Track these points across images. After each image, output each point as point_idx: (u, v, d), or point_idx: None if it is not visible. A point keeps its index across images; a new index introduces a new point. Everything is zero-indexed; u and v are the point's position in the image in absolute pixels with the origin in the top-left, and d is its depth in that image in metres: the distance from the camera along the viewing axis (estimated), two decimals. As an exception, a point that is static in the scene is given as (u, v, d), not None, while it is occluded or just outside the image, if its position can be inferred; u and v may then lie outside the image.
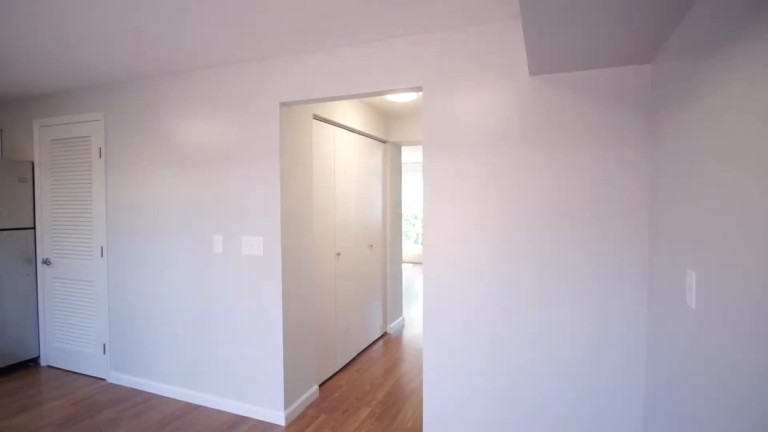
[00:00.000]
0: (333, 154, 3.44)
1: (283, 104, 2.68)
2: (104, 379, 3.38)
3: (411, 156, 8.67)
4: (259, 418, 2.75)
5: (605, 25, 1.49)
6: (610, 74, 1.96)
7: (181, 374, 3.04)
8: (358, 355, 3.88)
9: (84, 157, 3.40)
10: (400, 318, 4.78)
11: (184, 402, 3.00)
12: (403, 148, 7.23)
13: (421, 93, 2.57)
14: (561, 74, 2.05)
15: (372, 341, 4.16)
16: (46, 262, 3.58)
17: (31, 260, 3.61)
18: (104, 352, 3.36)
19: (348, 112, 3.60)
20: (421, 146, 7.11)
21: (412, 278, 7.88)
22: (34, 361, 3.71)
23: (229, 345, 2.85)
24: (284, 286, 2.69)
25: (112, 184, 3.28)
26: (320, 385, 3.23)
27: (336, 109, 3.40)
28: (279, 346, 2.69)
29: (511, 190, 2.14)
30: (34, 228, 3.64)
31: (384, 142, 4.45)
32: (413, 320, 5.05)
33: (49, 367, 3.64)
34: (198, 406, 2.93)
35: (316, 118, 3.16)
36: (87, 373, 3.47)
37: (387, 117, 4.42)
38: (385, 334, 4.48)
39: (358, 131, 3.83)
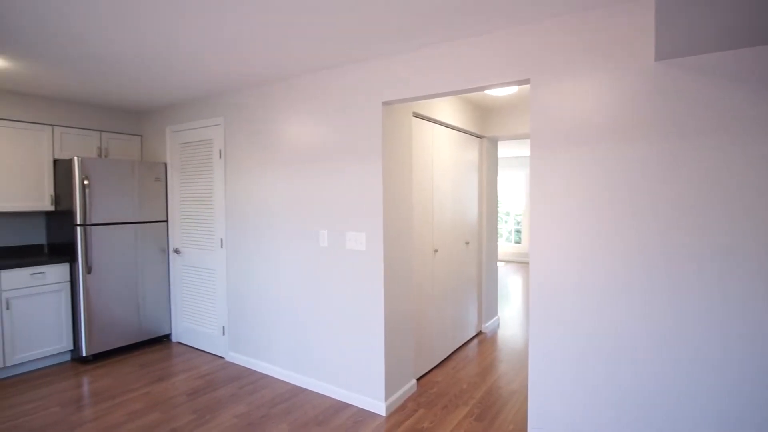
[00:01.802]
0: (431, 151, 3.44)
1: (385, 103, 2.74)
2: (223, 358, 3.76)
3: (505, 151, 8.39)
4: (360, 406, 2.87)
5: (763, -3, 1.30)
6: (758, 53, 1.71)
7: (289, 358, 3.27)
8: (454, 352, 3.86)
9: (207, 158, 3.80)
10: (495, 317, 4.66)
11: (292, 384, 3.22)
12: (498, 143, 7.03)
13: (521, 86, 2.47)
14: (694, 57, 1.83)
15: (467, 340, 4.11)
16: (176, 251, 4.07)
17: (164, 249, 4.13)
18: (223, 334, 3.73)
19: (446, 109, 3.57)
20: (517, 141, 6.83)
21: (506, 277, 7.64)
22: (167, 338, 4.24)
23: (333, 334, 3.00)
24: (385, 281, 2.77)
25: (230, 182, 3.61)
26: (417, 380, 3.27)
27: (434, 106, 3.40)
28: (380, 337, 2.77)
29: (631, 187, 1.97)
30: (166, 221, 4.15)
31: (480, 137, 4.36)
32: (508, 320, 4.89)
33: (179, 343, 4.14)
34: (304, 389, 3.14)
35: (416, 115, 3.19)
36: (209, 351, 3.89)
37: (484, 111, 4.32)
38: (479, 333, 4.40)
39: (455, 127, 3.79)
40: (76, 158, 3.52)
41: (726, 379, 1.82)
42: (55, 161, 3.79)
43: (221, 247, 3.69)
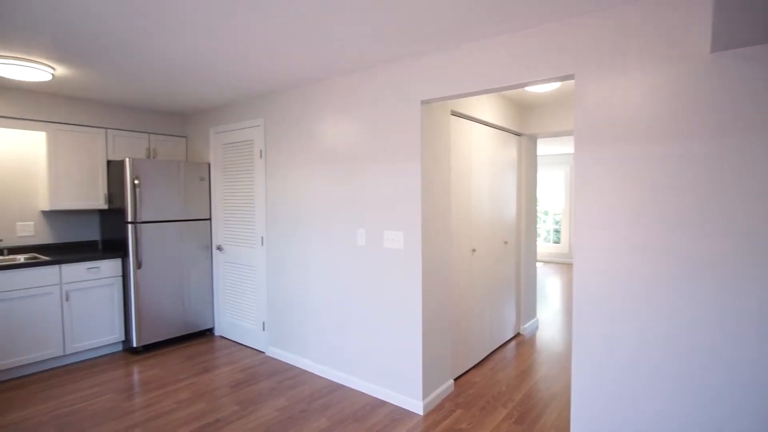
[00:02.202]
0: (469, 150, 3.40)
1: (423, 102, 2.74)
2: (263, 352, 3.86)
3: (543, 149, 8.18)
4: (397, 404, 2.88)
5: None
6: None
7: (327, 355, 3.32)
8: (491, 353, 3.81)
9: (248, 158, 3.91)
10: (534, 319, 4.56)
11: (329, 380, 3.27)
12: (539, 140, 6.87)
13: (563, 82, 2.39)
14: (756, 47, 1.73)
15: (505, 341, 4.05)
16: (219, 248, 4.22)
17: (207, 246, 4.29)
18: (263, 329, 3.84)
19: (484, 106, 3.52)
20: (557, 138, 6.65)
21: (544, 278, 7.45)
22: (210, 331, 4.41)
23: (370, 332, 3.03)
24: (423, 280, 2.76)
25: (270, 181, 3.71)
26: (454, 380, 3.25)
27: (473, 104, 3.36)
28: (418, 337, 2.77)
29: (684, 185, 1.88)
30: (210, 219, 4.30)
31: (519, 135, 4.27)
32: (547, 322, 4.77)
33: (221, 337, 4.29)
34: (342, 386, 3.18)
35: (454, 113, 3.16)
36: (249, 345, 4.01)
37: (523, 109, 4.23)
38: (518, 334, 4.32)
39: (494, 125, 3.73)
40: (127, 159, 3.71)
41: (790, 390, 1.71)
42: (109, 162, 4.01)
43: (261, 244, 3.80)
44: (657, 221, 1.95)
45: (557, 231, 9.37)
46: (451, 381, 3.10)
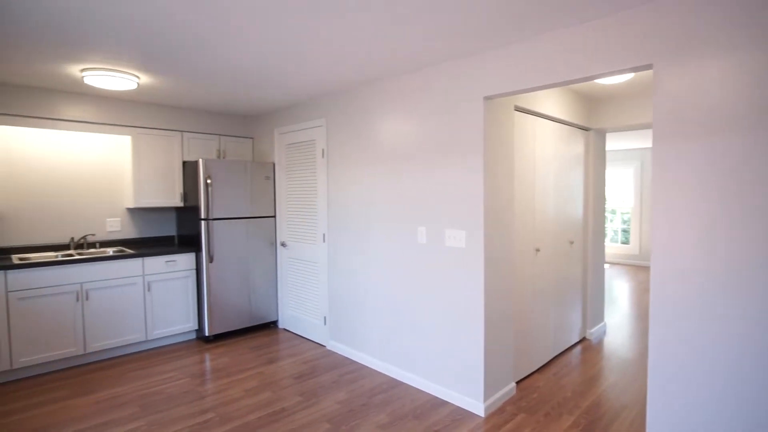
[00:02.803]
0: (533, 146, 3.29)
1: (486, 98, 2.68)
2: (324, 346, 3.97)
3: (610, 144, 7.73)
4: (457, 404, 2.85)
5: None
6: None
7: (387, 351, 3.36)
8: (555, 357, 3.67)
9: (310, 157, 4.03)
10: (602, 324, 4.33)
11: (389, 376, 3.31)
12: (608, 135, 6.52)
13: (637, 72, 2.24)
14: None
15: (569, 345, 3.88)
16: (283, 244, 4.39)
17: (272, 243, 4.48)
18: (324, 323, 3.95)
19: (549, 100, 3.39)
20: (625, 133, 6.26)
21: (612, 280, 7.05)
22: (274, 324, 4.60)
23: (431, 330, 3.02)
24: (486, 279, 2.71)
25: (332, 179, 3.80)
26: (516, 383, 3.16)
27: (537, 99, 3.24)
28: (480, 337, 2.73)
29: (786, 182, 1.70)
30: (274, 216, 4.49)
31: (586, 129, 4.06)
32: (615, 327, 4.51)
33: (284, 329, 4.46)
34: (401, 383, 3.20)
35: (518, 109, 3.07)
36: (311, 339, 4.14)
37: (591, 102, 4.02)
38: (583, 339, 4.12)
39: (560, 120, 3.58)
40: (201, 160, 3.96)
41: None
42: (184, 163, 4.30)
43: (323, 241, 3.90)
44: (743, 218, 1.78)
45: (626, 231, 8.82)
46: (513, 384, 3.02)
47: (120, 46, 2.55)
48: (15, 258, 3.49)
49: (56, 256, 3.65)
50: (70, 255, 3.71)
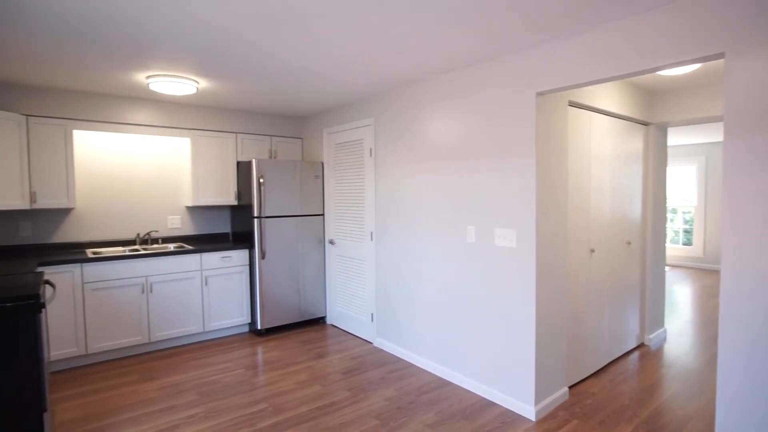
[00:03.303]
0: (588, 142, 3.16)
1: (539, 94, 2.61)
2: (371, 343, 4.02)
3: (671, 139, 7.28)
4: (507, 407, 2.80)
5: None
6: None
7: (434, 350, 3.35)
8: (610, 363, 3.51)
9: (358, 156, 4.09)
10: (661, 329, 4.10)
11: (436, 376, 3.30)
12: (669, 130, 6.16)
13: (705, 62, 2.09)
14: None
15: (626, 351, 3.70)
16: (331, 242, 4.48)
17: (321, 240, 4.58)
18: (372, 320, 4.00)
19: (605, 94, 3.25)
20: (691, 127, 5.88)
21: (672, 284, 6.65)
22: (322, 320, 4.71)
23: (480, 330, 2.98)
24: (537, 280, 2.64)
25: (379, 178, 3.83)
26: (569, 388, 3.06)
27: (592, 93, 3.11)
28: (531, 339, 2.66)
29: None
30: (323, 215, 4.59)
31: (646, 124, 3.85)
32: (676, 334, 4.25)
33: (332, 325, 4.56)
34: (448, 382, 3.18)
35: (572, 104, 2.96)
36: (358, 335, 4.20)
37: (651, 95, 3.81)
38: (641, 345, 3.92)
39: (617, 114, 3.41)
40: (254, 160, 4.11)
41: None
42: (238, 163, 4.48)
43: (371, 239, 3.95)
44: (840, 222, 1.62)
45: (688, 231, 8.28)
46: (566, 389, 2.92)
47: (181, 52, 2.70)
48: (89, 252, 3.79)
49: (124, 251, 3.92)
50: (136, 250, 3.98)
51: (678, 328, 4.42)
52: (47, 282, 2.76)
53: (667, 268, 8.04)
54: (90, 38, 2.45)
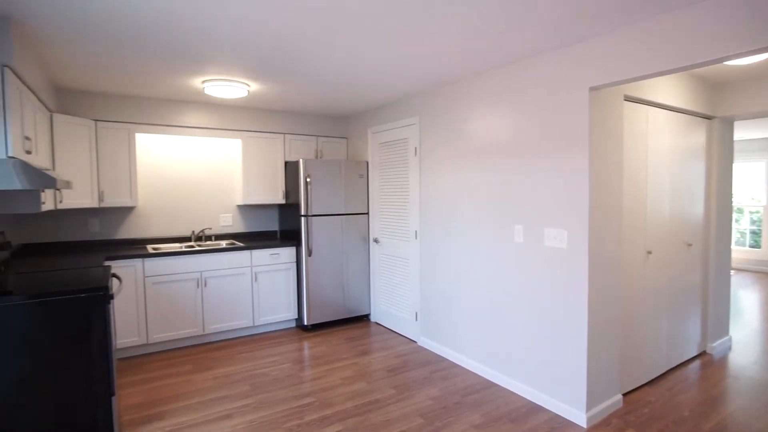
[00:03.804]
0: (645, 138, 3.01)
1: (592, 89, 2.51)
2: (415, 342, 4.02)
3: (736, 134, 6.77)
4: (556, 412, 2.72)
5: None
6: None
7: (480, 351, 3.31)
8: (668, 371, 3.33)
9: (403, 155, 4.10)
10: (726, 338, 3.83)
11: (482, 377, 3.25)
12: (735, 124, 5.75)
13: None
14: None
15: (686, 359, 3.49)
16: (376, 240, 4.52)
17: (365, 239, 4.63)
18: (416, 319, 4.00)
19: (664, 88, 3.07)
20: (759, 120, 5.45)
21: (737, 288, 6.20)
22: (366, 317, 4.76)
23: (527, 332, 2.91)
24: (590, 282, 2.55)
25: (424, 177, 3.82)
26: (623, 395, 2.93)
27: (650, 86, 2.96)
28: (582, 343, 2.57)
29: None
30: (367, 213, 4.64)
31: (709, 118, 3.61)
32: (743, 343, 3.96)
33: (376, 323, 4.60)
34: (494, 384, 3.13)
35: (628, 98, 2.83)
36: (402, 334, 4.22)
37: (715, 86, 3.56)
38: (703, 353, 3.68)
39: (676, 108, 3.23)
40: (301, 160, 4.22)
41: None
42: (286, 163, 4.61)
43: (415, 238, 3.95)
44: None
45: (755, 233, 7.69)
46: (620, 396, 2.80)
47: (236, 58, 2.82)
48: (149, 248, 4.03)
49: (180, 247, 4.14)
50: (192, 246, 4.19)
51: (745, 337, 4.12)
52: (114, 275, 2.96)
53: (732, 272, 7.50)
54: (153, 48, 2.61)
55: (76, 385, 2.28)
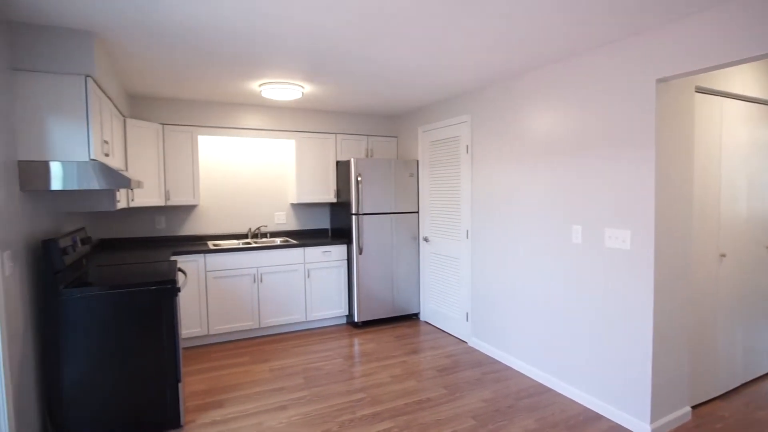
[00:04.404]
0: (719, 132, 2.80)
1: (659, 81, 2.36)
2: (465, 342, 3.98)
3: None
4: (617, 422, 2.59)
5: None
6: None
7: (534, 354, 3.21)
8: (744, 385, 3.08)
9: (454, 154, 4.05)
10: (813, 350, 3.48)
11: (536, 381, 3.16)
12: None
13: None
14: None
15: (765, 373, 3.21)
16: (425, 239, 4.51)
17: (415, 237, 4.63)
18: (466, 320, 3.95)
19: (741, 77, 2.84)
20: None
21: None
22: (416, 316, 4.76)
23: (587, 336, 2.80)
24: (656, 286, 2.40)
25: (476, 176, 3.76)
26: (692, 408, 2.74)
27: (725, 76, 2.74)
28: (647, 350, 2.43)
29: None
30: (417, 212, 4.63)
31: (795, 109, 3.29)
32: (835, 357, 3.58)
33: (425, 322, 4.59)
34: (549, 389, 3.03)
35: (699, 90, 2.64)
36: (452, 334, 4.18)
37: (803, 74, 3.24)
38: (785, 366, 3.37)
39: (756, 99, 2.97)
40: (353, 159, 4.28)
41: None
42: (337, 162, 4.70)
43: (466, 237, 3.90)
44: None
45: None
46: (688, 408, 2.62)
47: (291, 61, 2.91)
48: (210, 244, 4.25)
49: (238, 244, 4.33)
50: (248, 243, 4.37)
51: (835, 350, 3.72)
52: (180, 269, 3.15)
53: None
54: (218, 54, 2.74)
55: (147, 371, 2.45)
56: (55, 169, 2.23)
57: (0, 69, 2.02)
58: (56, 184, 2.23)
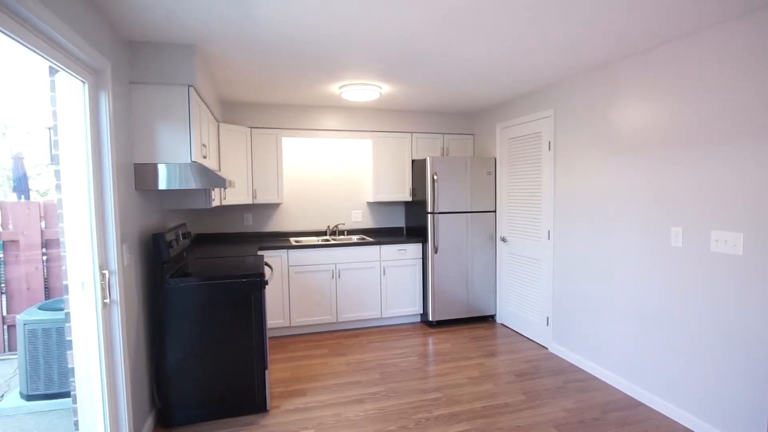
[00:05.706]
0: None
1: (784, 63, 2.07)
2: (546, 348, 3.80)
3: None
4: (724, 446, 2.33)
5: None
6: None
7: (625, 365, 2.98)
8: None
9: (534, 151, 3.88)
10: None
11: (625, 394, 2.94)
12: None
13: None
14: None
15: None
16: (503, 239, 4.37)
17: (492, 237, 4.51)
18: (547, 324, 3.77)
19: None
20: None
21: None
22: (492, 318, 4.64)
23: (690, 350, 2.54)
24: (775, 297, 2.12)
25: (559, 173, 3.57)
26: (820, 438, 2.38)
27: None
28: (764, 370, 2.15)
29: None
30: (495, 211, 4.51)
31: None
32: None
33: (502, 325, 4.46)
34: (641, 404, 2.80)
35: (835, 72, 2.27)
36: (531, 338, 4.02)
37: None
38: None
39: None
40: (428, 158, 4.27)
41: None
42: (413, 161, 4.72)
43: (548, 238, 3.72)
44: None
45: None
46: (817, 439, 2.28)
47: (370, 63, 2.97)
48: (292, 240, 4.48)
49: (318, 241, 4.51)
50: (327, 240, 4.54)
51: None
52: (267, 264, 3.36)
53: None
54: (303, 60, 2.88)
55: (238, 357, 2.64)
56: (162, 170, 2.48)
57: (122, 83, 2.30)
58: (162, 184, 2.48)
